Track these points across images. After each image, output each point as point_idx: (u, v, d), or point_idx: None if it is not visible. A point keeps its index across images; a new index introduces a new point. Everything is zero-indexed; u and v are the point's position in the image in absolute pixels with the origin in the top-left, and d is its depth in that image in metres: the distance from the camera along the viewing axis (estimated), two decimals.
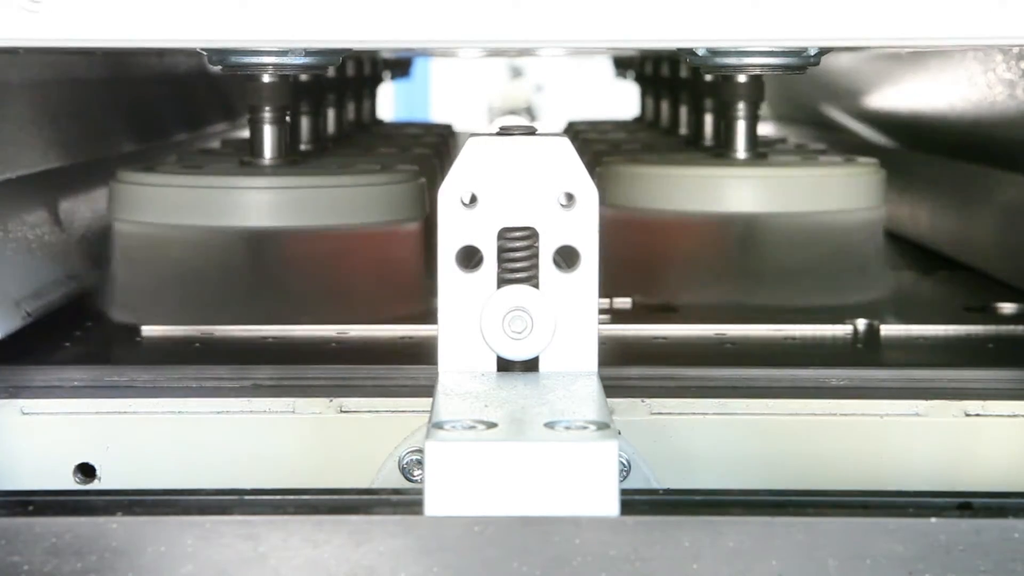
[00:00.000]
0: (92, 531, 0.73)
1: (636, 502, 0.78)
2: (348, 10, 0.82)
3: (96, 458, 1.00)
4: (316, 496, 0.79)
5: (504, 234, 0.90)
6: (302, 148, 1.64)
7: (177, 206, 1.20)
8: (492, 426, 0.77)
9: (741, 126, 1.39)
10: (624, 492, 0.75)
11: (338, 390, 1.02)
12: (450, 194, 0.90)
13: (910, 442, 1.00)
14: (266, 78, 1.25)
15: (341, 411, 1.00)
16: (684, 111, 2.06)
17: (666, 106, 2.25)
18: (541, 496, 0.73)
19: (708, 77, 1.70)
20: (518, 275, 0.90)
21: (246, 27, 0.83)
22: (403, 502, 0.78)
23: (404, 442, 0.95)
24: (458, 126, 2.54)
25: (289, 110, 1.30)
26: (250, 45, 0.93)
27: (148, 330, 1.17)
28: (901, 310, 1.28)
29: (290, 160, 1.30)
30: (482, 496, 0.73)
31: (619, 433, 0.77)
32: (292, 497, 0.79)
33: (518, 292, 0.89)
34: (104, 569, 0.73)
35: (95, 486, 1.00)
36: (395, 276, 1.24)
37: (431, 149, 1.78)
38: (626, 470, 0.90)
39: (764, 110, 1.41)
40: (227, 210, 1.19)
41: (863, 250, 1.33)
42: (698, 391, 1.02)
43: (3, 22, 0.82)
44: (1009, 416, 1.00)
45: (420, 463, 0.93)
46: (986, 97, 1.49)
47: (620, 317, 1.23)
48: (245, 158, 1.30)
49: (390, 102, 5.63)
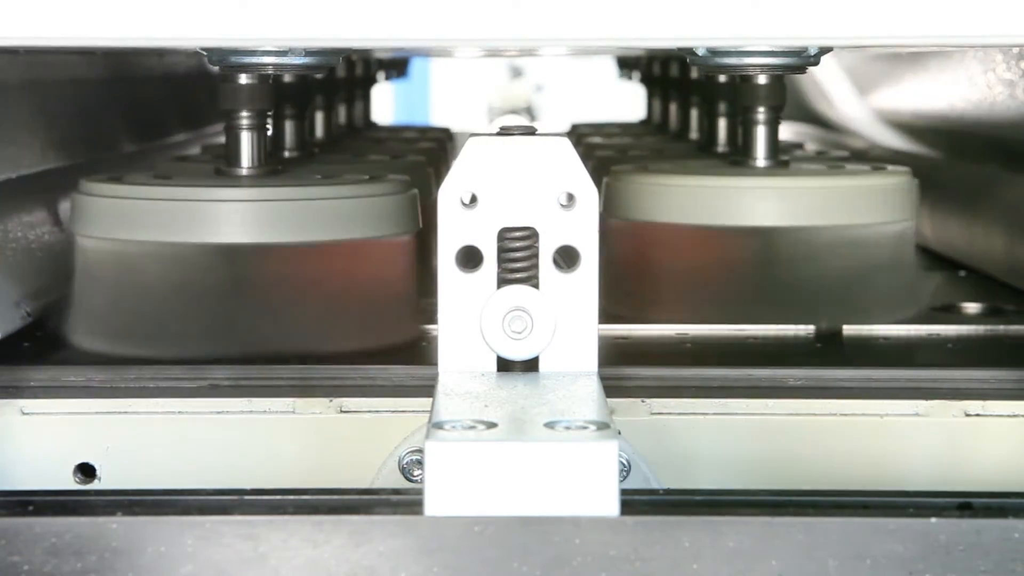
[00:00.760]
0: (92, 531, 0.73)
1: (636, 502, 0.78)
2: (348, 10, 0.82)
3: (96, 458, 1.00)
4: (316, 496, 0.79)
5: (504, 234, 0.90)
6: (286, 155, 1.49)
7: (144, 220, 1.08)
8: (492, 426, 0.77)
9: (761, 131, 1.29)
10: (624, 492, 0.75)
11: (338, 390, 1.02)
12: (450, 194, 0.90)
13: (910, 442, 1.00)
14: (243, 79, 1.15)
15: (341, 411, 1.00)
16: (695, 114, 1.98)
17: (675, 109, 2.14)
18: (541, 496, 0.73)
19: (723, 78, 1.63)
20: (518, 275, 0.90)
21: (246, 27, 0.83)
22: (403, 502, 0.78)
23: (404, 442, 0.95)
24: (457, 128, 2.47)
25: (271, 114, 1.19)
26: (250, 45, 0.93)
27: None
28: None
29: (270, 169, 1.18)
30: (482, 496, 0.73)
31: (619, 433, 0.77)
32: (292, 497, 0.78)
33: (518, 292, 0.89)
34: (104, 569, 0.73)
35: (95, 486, 1.00)
36: (382, 298, 1.14)
37: (426, 156, 1.65)
38: (626, 470, 0.90)
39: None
40: (197, 225, 1.08)
41: (896, 267, 1.25)
42: (698, 391, 1.02)
43: (2, 22, 0.82)
44: (1009, 416, 1.00)
45: (420, 463, 0.93)
46: (987, 97, 1.49)
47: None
48: (221, 167, 1.19)
49: (389, 103, 5.64)
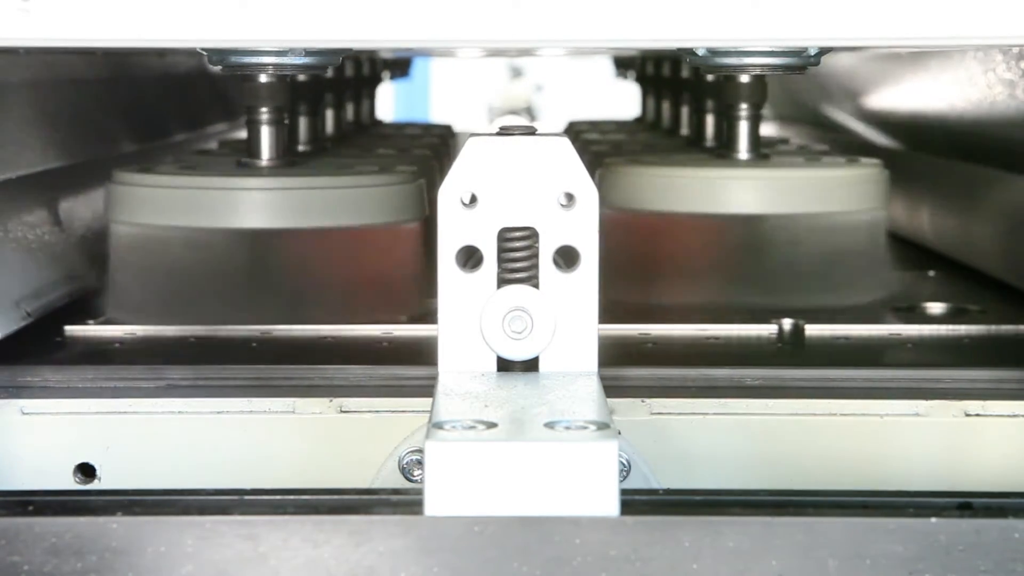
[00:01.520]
0: (92, 531, 0.73)
1: (636, 502, 0.78)
2: (348, 10, 0.82)
3: (96, 458, 1.00)
4: (316, 496, 0.79)
5: (504, 234, 0.90)
6: (300, 149, 1.63)
7: (174, 207, 1.19)
8: (492, 426, 0.77)
9: (744, 127, 1.38)
10: (624, 492, 0.75)
11: (338, 390, 1.02)
12: (450, 194, 0.90)
13: (910, 442, 1.00)
14: (263, 78, 1.25)
15: (341, 411, 1.00)
16: (686, 111, 2.05)
17: (667, 106, 2.24)
18: (541, 496, 0.73)
19: (710, 77, 1.69)
20: (518, 275, 0.90)
21: (246, 27, 0.82)
22: (403, 502, 0.78)
23: (404, 442, 0.95)
24: (458, 126, 2.52)
25: (287, 110, 1.30)
26: (250, 45, 0.93)
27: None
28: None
29: (287, 161, 1.29)
30: (482, 496, 0.73)
31: (619, 433, 0.77)
32: (292, 497, 0.79)
33: (518, 292, 0.89)
34: (104, 569, 0.73)
35: (95, 486, 1.00)
36: (393, 278, 1.24)
37: (430, 150, 1.77)
38: (626, 470, 0.90)
39: (766, 110, 1.40)
40: (223, 211, 1.19)
41: (865, 252, 1.32)
42: (698, 391, 1.02)
43: (2, 22, 0.82)
44: (1009, 416, 1.00)
45: (420, 463, 0.93)
46: (986, 97, 1.49)
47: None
48: (242, 159, 1.30)
49: (390, 102, 5.64)
